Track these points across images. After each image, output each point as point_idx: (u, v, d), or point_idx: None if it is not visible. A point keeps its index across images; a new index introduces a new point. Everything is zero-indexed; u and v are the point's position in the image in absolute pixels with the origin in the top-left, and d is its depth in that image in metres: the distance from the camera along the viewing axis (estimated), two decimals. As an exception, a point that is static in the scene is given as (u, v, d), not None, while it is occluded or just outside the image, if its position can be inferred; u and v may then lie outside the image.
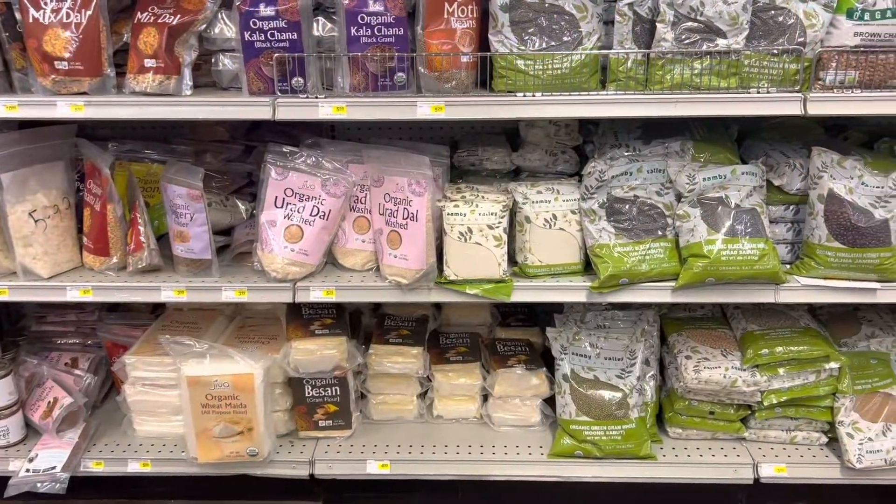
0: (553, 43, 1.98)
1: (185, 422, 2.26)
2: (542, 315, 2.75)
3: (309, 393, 2.35)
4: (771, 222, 2.21)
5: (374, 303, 2.67)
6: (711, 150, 2.22)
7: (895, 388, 2.31)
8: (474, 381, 2.47)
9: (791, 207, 2.22)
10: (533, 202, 2.17)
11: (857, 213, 2.06)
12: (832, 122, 2.44)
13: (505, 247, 2.14)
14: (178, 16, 2.02)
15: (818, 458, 2.31)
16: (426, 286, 2.15)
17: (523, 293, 2.16)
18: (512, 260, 2.24)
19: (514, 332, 2.67)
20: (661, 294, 2.14)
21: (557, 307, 2.53)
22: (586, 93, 1.98)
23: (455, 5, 1.96)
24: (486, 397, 2.51)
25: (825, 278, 2.13)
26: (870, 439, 2.24)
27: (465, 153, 2.49)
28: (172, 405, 2.36)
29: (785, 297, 2.13)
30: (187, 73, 2.04)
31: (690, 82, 1.96)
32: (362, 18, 1.95)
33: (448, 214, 2.11)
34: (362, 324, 2.60)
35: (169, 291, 2.18)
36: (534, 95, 1.97)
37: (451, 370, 2.48)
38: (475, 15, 1.99)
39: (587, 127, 2.44)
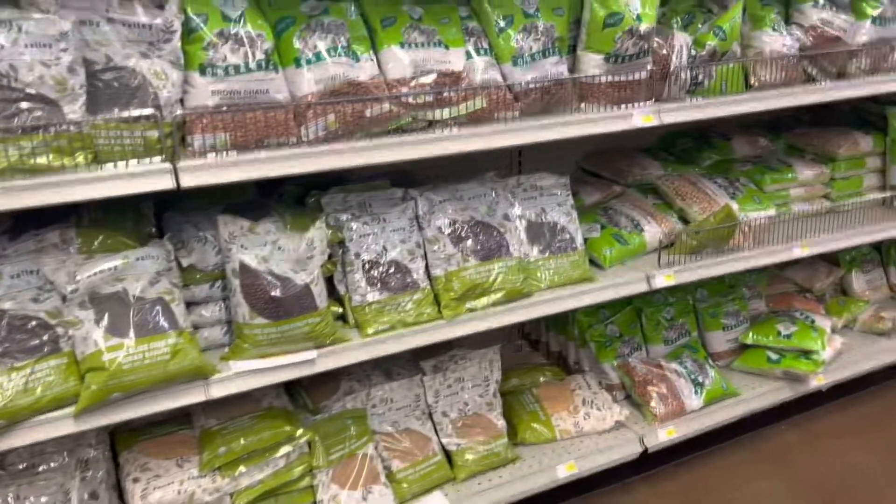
0: None
1: None
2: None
3: None
4: (198, 304, 1.93)
5: None
6: (102, 236, 1.84)
7: (370, 446, 2.22)
8: None
9: (217, 284, 1.96)
10: None
11: (277, 282, 1.87)
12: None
13: None
14: None
15: (305, 548, 2.10)
16: None
17: None
18: None
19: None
20: (61, 426, 1.69)
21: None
22: None
23: None
24: None
25: (261, 357, 1.91)
26: (352, 510, 2.10)
27: None
28: None
29: (218, 390, 1.85)
30: None
31: (25, 165, 1.55)
32: None
33: None
34: None
35: None
36: None
37: None
38: None
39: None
